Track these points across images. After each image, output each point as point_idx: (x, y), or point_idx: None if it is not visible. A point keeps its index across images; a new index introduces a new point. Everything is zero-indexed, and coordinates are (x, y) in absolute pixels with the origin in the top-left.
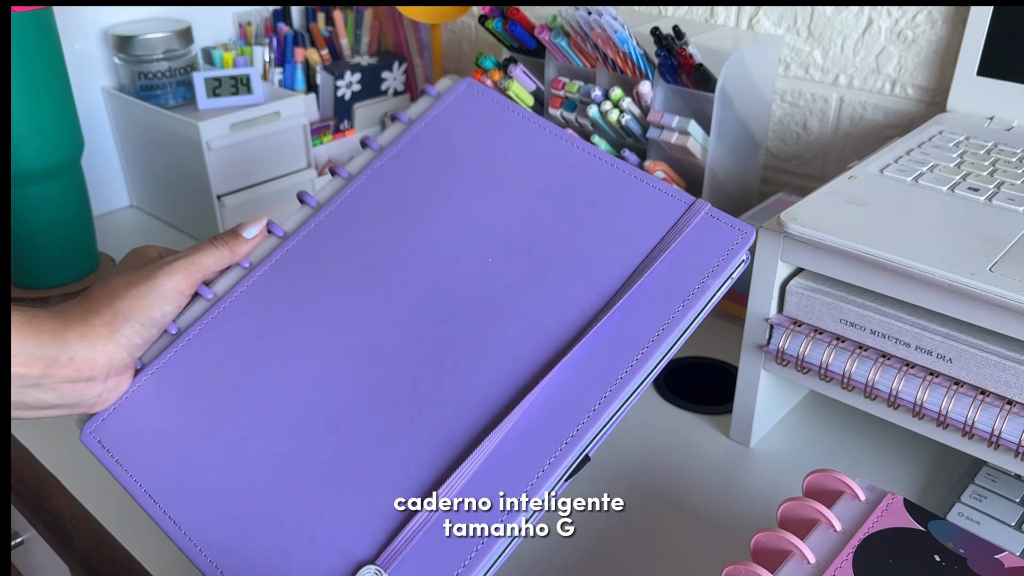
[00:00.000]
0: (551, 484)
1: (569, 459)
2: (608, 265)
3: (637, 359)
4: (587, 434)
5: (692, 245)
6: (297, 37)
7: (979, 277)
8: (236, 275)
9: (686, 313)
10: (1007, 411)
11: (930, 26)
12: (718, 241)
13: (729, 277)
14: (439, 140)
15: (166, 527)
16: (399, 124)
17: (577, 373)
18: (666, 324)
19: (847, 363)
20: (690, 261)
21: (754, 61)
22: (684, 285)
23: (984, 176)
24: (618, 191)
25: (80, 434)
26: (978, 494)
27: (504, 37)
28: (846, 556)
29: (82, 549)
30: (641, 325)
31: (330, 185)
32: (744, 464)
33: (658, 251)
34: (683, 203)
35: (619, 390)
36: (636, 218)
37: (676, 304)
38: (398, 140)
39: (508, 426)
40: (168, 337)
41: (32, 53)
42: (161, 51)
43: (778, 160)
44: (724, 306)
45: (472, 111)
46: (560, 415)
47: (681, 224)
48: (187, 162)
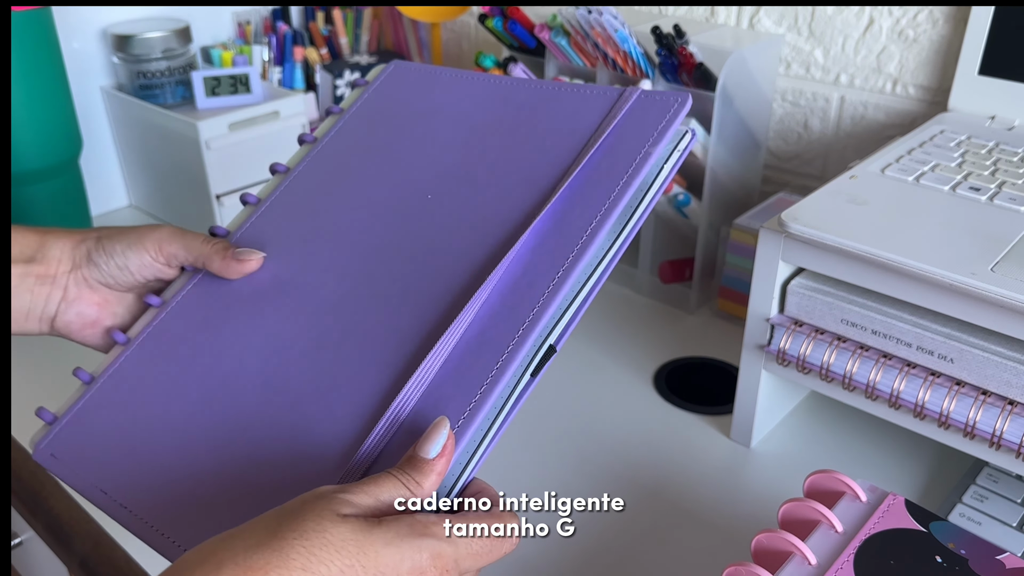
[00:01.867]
0: (512, 377)
1: (526, 347)
2: (546, 166)
3: (585, 237)
4: (542, 320)
5: (628, 123)
6: (296, 36)
7: (980, 277)
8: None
9: (631, 184)
10: (1008, 411)
11: (931, 25)
12: (653, 113)
13: (675, 148)
14: (372, 116)
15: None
16: (333, 116)
17: (527, 264)
18: (612, 198)
19: (848, 363)
20: (628, 137)
21: (755, 60)
22: (625, 159)
23: (985, 176)
24: (550, 103)
25: (32, 454)
26: (979, 495)
27: (504, 36)
28: (847, 557)
29: (81, 549)
30: (586, 205)
31: (271, 182)
32: (745, 465)
33: (593, 139)
34: (614, 93)
35: (570, 271)
36: (570, 119)
37: (619, 178)
38: (332, 128)
39: (460, 329)
40: (118, 348)
41: (31, 53)
42: (160, 50)
43: (779, 160)
44: (725, 306)
45: (402, 85)
46: (513, 305)
47: (614, 110)
48: (186, 161)
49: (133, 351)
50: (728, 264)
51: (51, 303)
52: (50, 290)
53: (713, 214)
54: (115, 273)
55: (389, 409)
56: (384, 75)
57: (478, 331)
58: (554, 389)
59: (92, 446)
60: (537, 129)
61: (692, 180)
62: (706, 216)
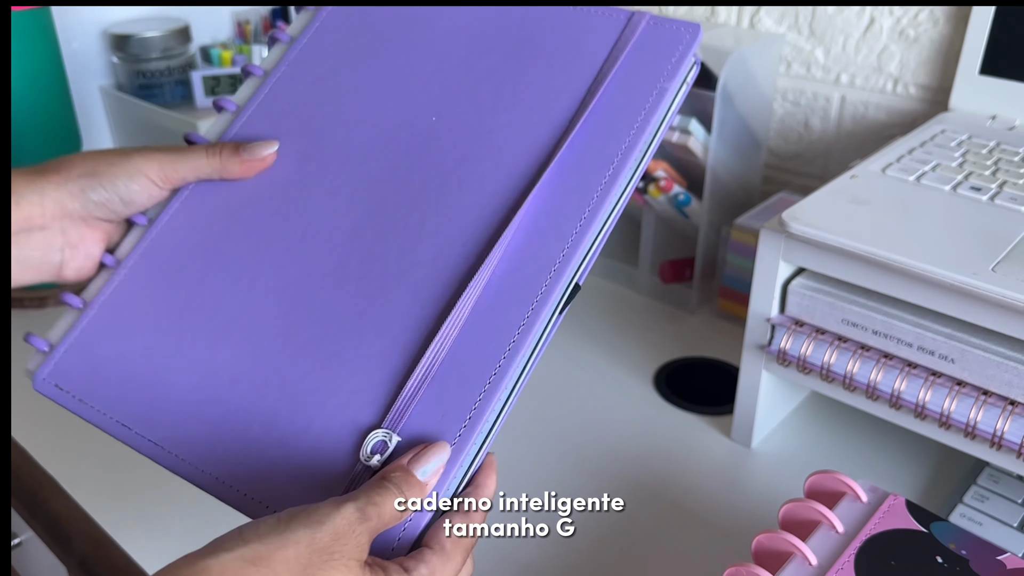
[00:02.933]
0: (546, 317)
1: (559, 288)
2: (558, 94)
3: (608, 176)
4: (572, 261)
5: (639, 55)
6: None
7: (982, 277)
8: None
9: (648, 120)
10: (1009, 412)
11: (932, 25)
12: (665, 44)
13: (684, 80)
14: (353, 17)
15: (149, 451)
16: (307, 12)
17: (549, 204)
18: (631, 135)
19: (849, 363)
20: (641, 70)
21: (755, 60)
22: (641, 93)
23: (986, 175)
24: (552, 21)
25: (33, 383)
26: (980, 495)
27: None
28: (848, 557)
29: (80, 550)
30: (606, 144)
31: (246, 86)
32: (745, 465)
33: (606, 69)
34: (621, 18)
35: (595, 212)
36: (577, 43)
37: (637, 114)
38: (309, 26)
39: (489, 271)
40: (108, 271)
41: (31, 52)
42: (159, 50)
43: (780, 159)
44: (725, 306)
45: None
46: (540, 249)
47: (624, 38)
48: None
49: (128, 273)
50: (728, 264)
51: (51, 252)
52: (44, 237)
53: (713, 214)
54: (118, 207)
55: (424, 357)
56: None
57: (507, 271)
58: (554, 389)
59: (101, 377)
60: (542, 50)
61: (692, 180)
62: (706, 216)
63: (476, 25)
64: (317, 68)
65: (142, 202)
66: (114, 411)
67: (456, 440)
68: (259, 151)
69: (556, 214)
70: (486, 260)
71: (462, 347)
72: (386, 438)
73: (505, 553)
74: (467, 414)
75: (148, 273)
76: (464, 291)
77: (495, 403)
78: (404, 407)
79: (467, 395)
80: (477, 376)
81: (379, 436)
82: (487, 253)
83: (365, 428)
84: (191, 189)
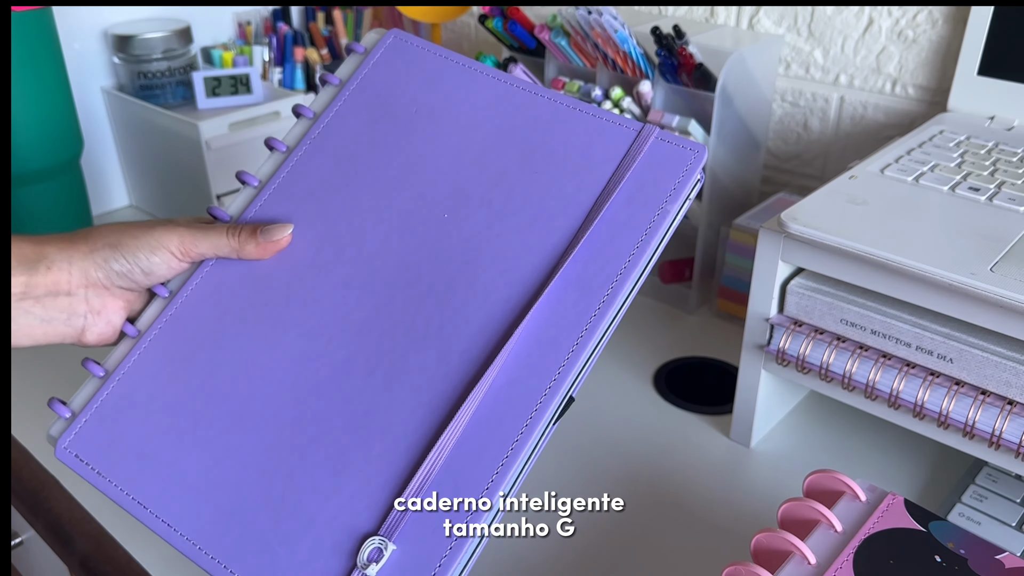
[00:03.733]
0: (540, 430)
1: (554, 404)
2: (565, 205)
3: (608, 295)
4: (568, 376)
5: (646, 172)
6: (296, 36)
7: (980, 277)
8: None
9: (650, 241)
10: (1008, 411)
11: (931, 26)
12: (671, 164)
13: (687, 198)
14: (375, 98)
15: (160, 531)
16: (331, 88)
17: (550, 317)
18: (632, 256)
19: (848, 363)
20: (646, 189)
21: (754, 61)
22: (644, 214)
23: (985, 176)
24: (565, 126)
25: (55, 451)
26: (979, 494)
27: (504, 36)
28: (847, 557)
29: (81, 549)
30: (607, 260)
31: (269, 161)
32: (744, 464)
33: (613, 183)
34: (632, 130)
35: (594, 328)
36: (587, 152)
37: (639, 234)
38: (332, 104)
39: (489, 380)
40: (129, 341)
41: (31, 53)
42: (160, 51)
43: (779, 160)
44: (724, 306)
45: (405, 62)
46: (539, 362)
47: (632, 152)
48: (186, 161)
49: (148, 347)
50: (728, 264)
51: (75, 317)
52: (69, 303)
53: (713, 214)
54: (139, 278)
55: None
56: (384, 46)
57: (506, 382)
58: None
59: (118, 452)
60: (554, 156)
61: None
62: (706, 216)
63: (494, 121)
64: (338, 150)
65: (163, 273)
66: (130, 488)
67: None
68: (274, 234)
69: (556, 328)
70: (487, 371)
71: (458, 457)
72: (382, 546)
73: (505, 553)
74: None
75: (167, 349)
76: (465, 400)
77: (488, 514)
78: (400, 515)
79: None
80: (472, 488)
81: (375, 543)
82: (489, 362)
83: (362, 534)
84: (211, 266)
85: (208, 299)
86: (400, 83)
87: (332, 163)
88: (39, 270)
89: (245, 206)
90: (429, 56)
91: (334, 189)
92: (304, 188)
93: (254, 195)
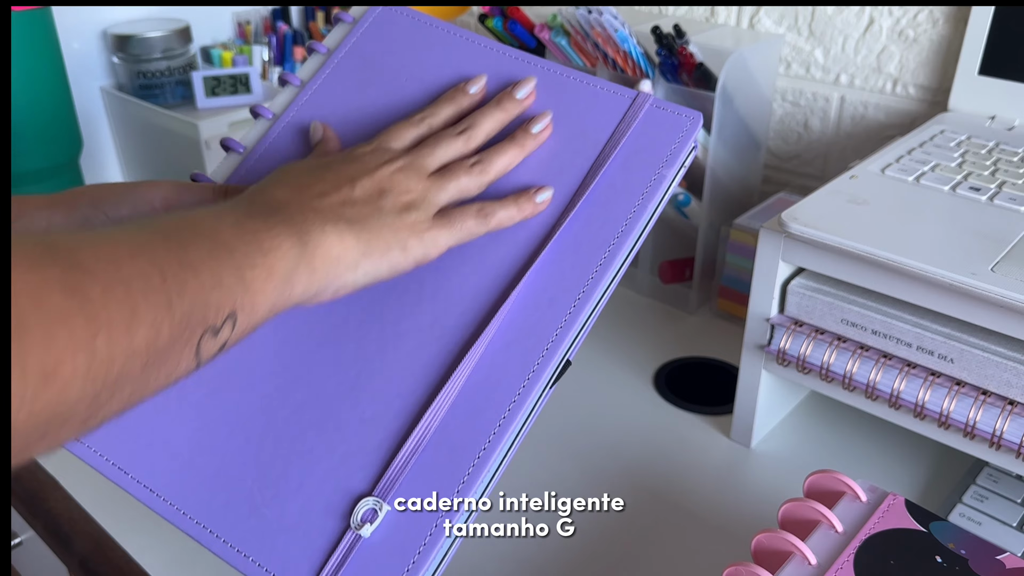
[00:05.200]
0: (537, 393)
1: (551, 365)
2: (561, 170)
3: (605, 258)
4: (566, 338)
5: (641, 138)
6: (296, 36)
7: (981, 277)
8: None
9: (646, 206)
10: (1008, 411)
11: (931, 25)
12: (667, 131)
13: (682, 165)
14: (363, 65)
15: (143, 497)
16: (318, 56)
17: (547, 280)
18: (628, 220)
19: (848, 363)
20: (642, 154)
21: (755, 60)
22: (640, 179)
23: (985, 176)
24: (560, 94)
25: None
26: (979, 495)
27: (504, 36)
28: (847, 557)
29: (80, 550)
30: (604, 224)
31: (256, 128)
32: (745, 465)
33: (609, 149)
34: (627, 98)
35: (591, 291)
36: (582, 119)
37: (635, 199)
38: (320, 71)
39: (486, 341)
40: None
41: (31, 53)
42: (160, 50)
43: (779, 159)
44: (725, 306)
45: (393, 32)
46: (536, 323)
47: (628, 119)
48: (186, 161)
49: None
50: (728, 264)
51: None
52: None
53: (713, 214)
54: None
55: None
56: (372, 15)
57: (502, 345)
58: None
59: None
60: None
61: (692, 180)
62: (706, 216)
63: (489, 85)
64: (327, 115)
65: None
66: (111, 454)
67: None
68: None
69: (554, 289)
70: (483, 334)
71: (454, 420)
72: (376, 506)
73: (505, 553)
74: (456, 487)
75: None
76: (460, 363)
77: (484, 476)
78: (395, 476)
79: (457, 468)
80: (468, 450)
81: (369, 504)
82: (484, 325)
83: (356, 495)
84: None
85: None
86: (389, 51)
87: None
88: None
89: (230, 171)
90: (419, 24)
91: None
92: (293, 152)
93: (239, 161)
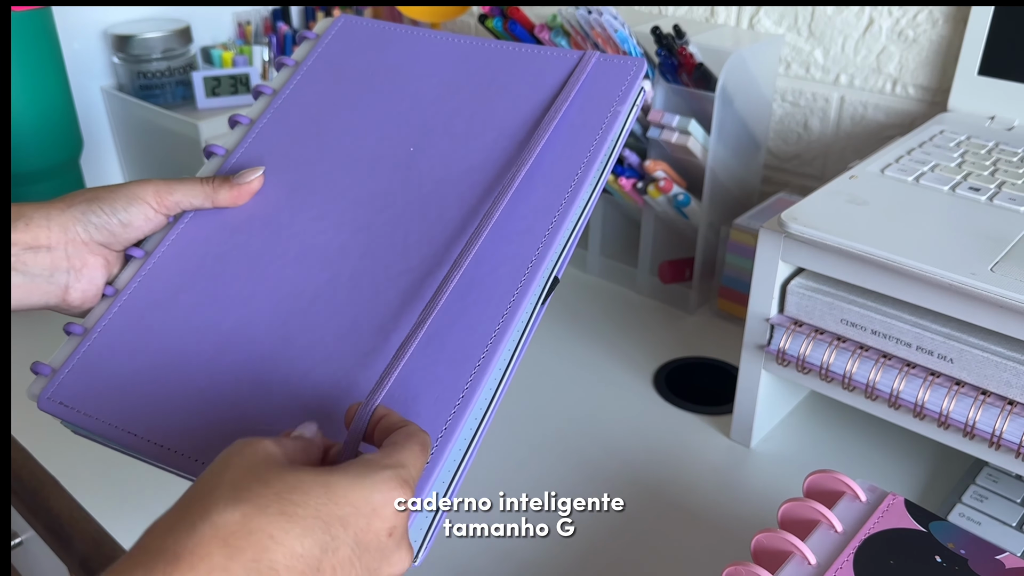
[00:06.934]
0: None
1: (537, 280)
2: (523, 122)
3: (575, 183)
4: (547, 256)
5: (593, 85)
6: (296, 36)
7: (980, 277)
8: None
9: (605, 138)
10: (1008, 411)
11: (931, 25)
12: (615, 75)
13: (634, 104)
14: (331, 69)
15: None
16: (287, 68)
17: (522, 207)
18: (590, 151)
19: (848, 363)
20: (595, 97)
21: (755, 60)
22: (596, 116)
23: (985, 176)
24: (513, 63)
25: (38, 403)
26: (979, 495)
27: (504, 36)
28: (847, 557)
29: (81, 549)
30: (568, 158)
31: (234, 133)
32: (744, 464)
33: (563, 96)
34: (574, 56)
35: (566, 211)
36: (536, 79)
37: (595, 133)
38: (291, 80)
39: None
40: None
41: (31, 53)
42: (160, 51)
43: (779, 160)
44: (725, 306)
45: (356, 39)
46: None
47: (577, 72)
48: (186, 161)
49: (127, 299)
50: (728, 264)
51: (58, 273)
52: (50, 259)
53: (713, 214)
54: (117, 231)
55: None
56: (335, 27)
57: (488, 269)
58: (554, 389)
59: (104, 393)
60: (505, 87)
61: (692, 180)
62: (706, 216)
63: (447, 69)
64: (300, 115)
65: (140, 225)
66: (118, 420)
67: (447, 424)
68: (246, 176)
69: (529, 217)
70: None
71: (448, 334)
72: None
73: (505, 553)
74: (458, 395)
75: (147, 298)
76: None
77: (483, 388)
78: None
79: (457, 378)
80: (466, 360)
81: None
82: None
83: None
84: (187, 221)
85: (186, 249)
86: (355, 54)
87: (297, 123)
88: (18, 227)
89: (214, 171)
90: (379, 30)
91: (301, 144)
92: (272, 147)
93: (221, 162)
